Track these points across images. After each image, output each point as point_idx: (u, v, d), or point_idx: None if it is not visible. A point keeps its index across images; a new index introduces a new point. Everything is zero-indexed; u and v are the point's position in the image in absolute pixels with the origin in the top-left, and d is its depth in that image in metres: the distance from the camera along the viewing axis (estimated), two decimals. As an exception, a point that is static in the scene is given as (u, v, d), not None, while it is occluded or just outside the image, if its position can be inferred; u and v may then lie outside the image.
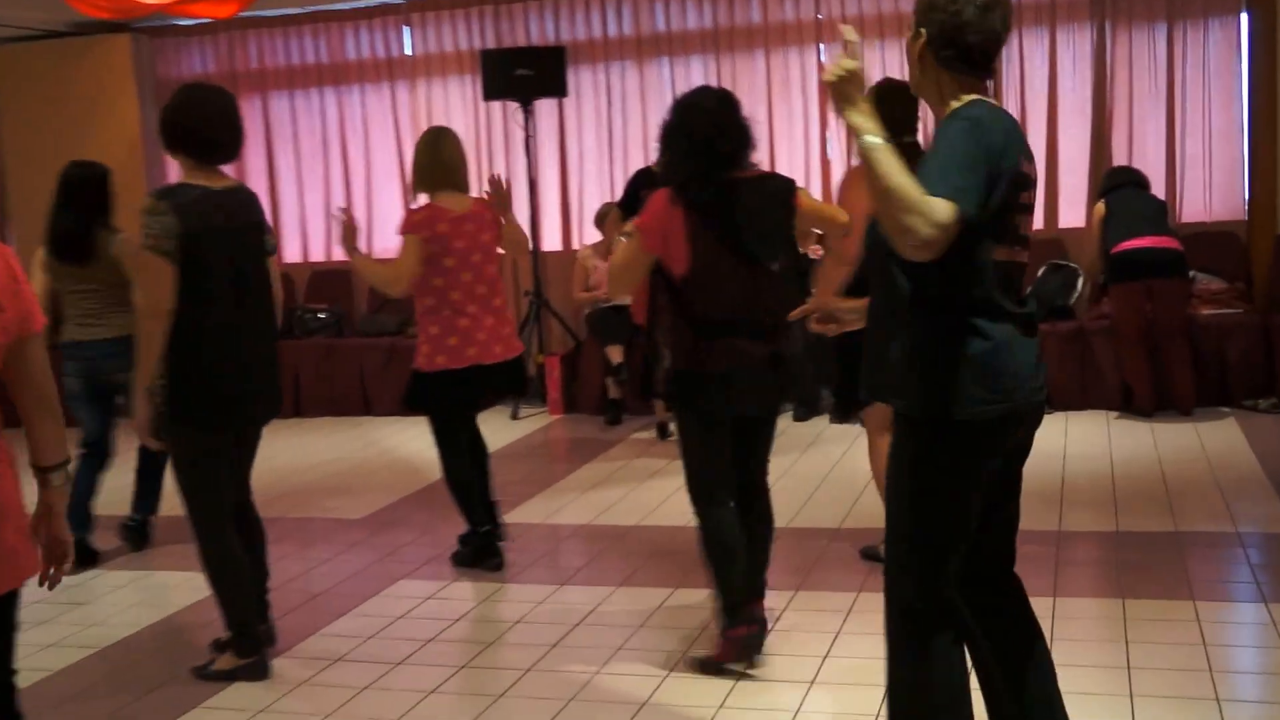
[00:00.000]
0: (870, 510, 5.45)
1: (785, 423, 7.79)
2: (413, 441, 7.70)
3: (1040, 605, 4.16)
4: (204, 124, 3.98)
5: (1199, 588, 4.58)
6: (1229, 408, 7.54)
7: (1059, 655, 3.08)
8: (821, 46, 8.77)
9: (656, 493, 6.37)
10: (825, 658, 4.08)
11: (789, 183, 4.05)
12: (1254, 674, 3.94)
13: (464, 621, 4.70)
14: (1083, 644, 4.06)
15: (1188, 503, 5.69)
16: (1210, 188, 8.15)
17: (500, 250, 5.21)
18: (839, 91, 2.56)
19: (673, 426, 5.29)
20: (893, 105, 4.12)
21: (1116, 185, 7.65)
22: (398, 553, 5.58)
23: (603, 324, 8.22)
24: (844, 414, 6.12)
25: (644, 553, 5.40)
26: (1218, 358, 7.62)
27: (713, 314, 3.86)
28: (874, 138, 2.51)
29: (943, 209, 2.44)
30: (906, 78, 2.88)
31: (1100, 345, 7.71)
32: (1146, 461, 6.48)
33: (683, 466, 4.01)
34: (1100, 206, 7.56)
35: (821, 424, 7.75)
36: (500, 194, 5.19)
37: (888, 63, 8.42)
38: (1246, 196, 8.17)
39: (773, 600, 4.30)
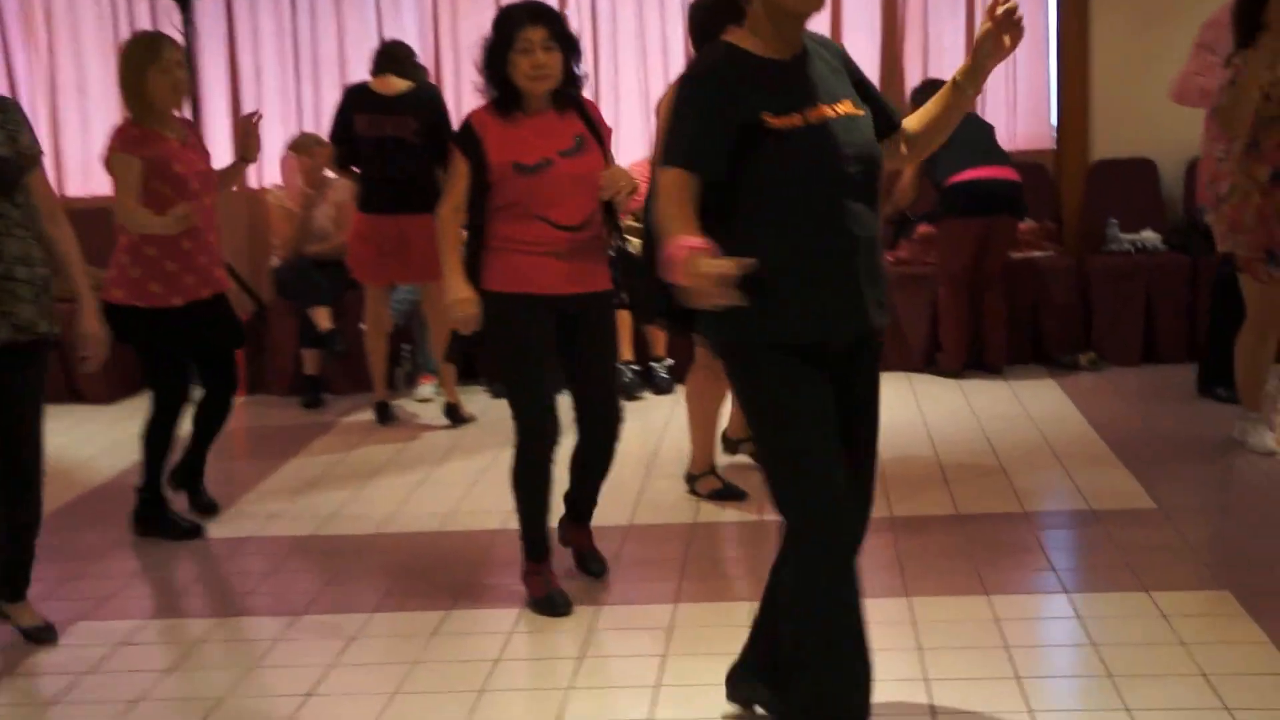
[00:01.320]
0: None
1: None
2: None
3: (893, 608, 4.21)
4: None
5: (1069, 576, 4.58)
6: (1042, 364, 7.66)
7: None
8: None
9: (391, 491, 5.92)
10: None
11: None
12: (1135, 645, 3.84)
13: (180, 674, 4.14)
14: (955, 652, 3.94)
15: (1027, 479, 5.68)
16: (1015, 112, 8.25)
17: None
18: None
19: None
20: None
21: (941, 99, 7.57)
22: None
23: (303, 282, 7.59)
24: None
25: (396, 566, 4.98)
26: (1029, 308, 7.71)
27: None
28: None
29: None
30: None
31: (899, 296, 7.63)
32: (969, 431, 6.48)
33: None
34: None
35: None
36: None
37: None
38: (1055, 123, 8.31)
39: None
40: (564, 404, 4.40)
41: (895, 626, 4.13)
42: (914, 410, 6.87)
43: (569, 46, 4.29)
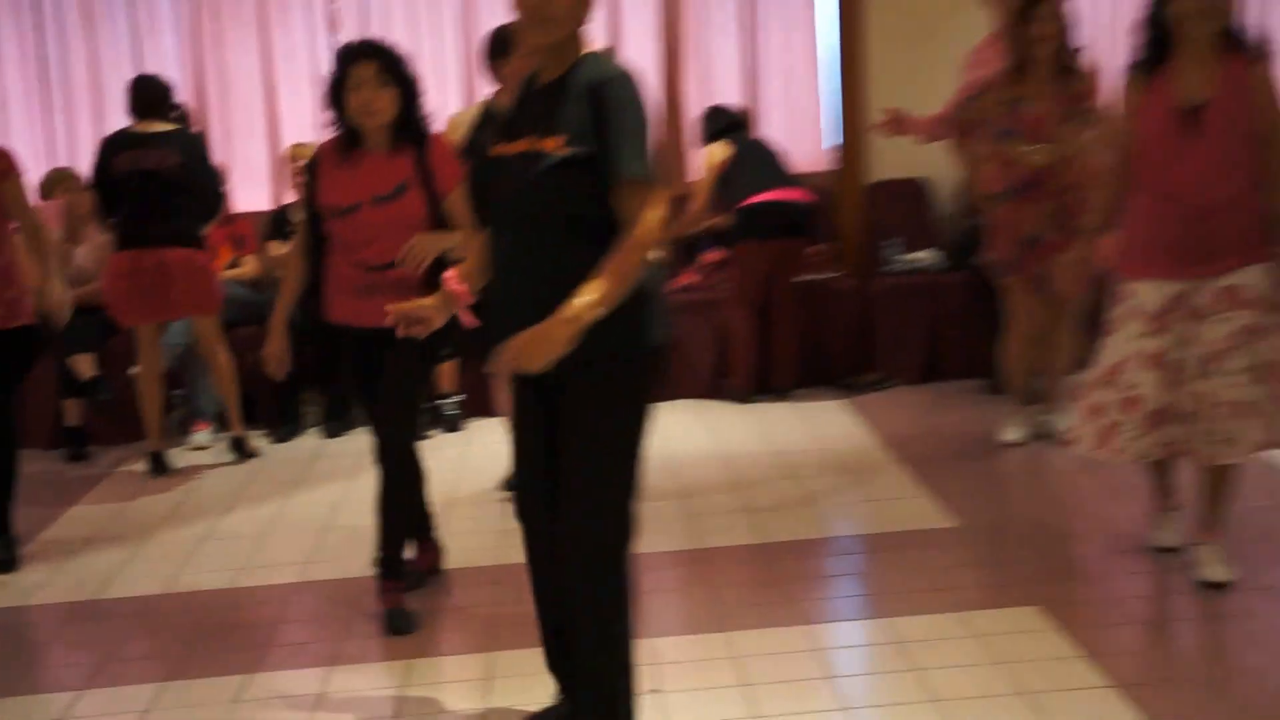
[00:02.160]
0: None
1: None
2: None
3: (713, 643, 4.26)
4: None
5: (883, 601, 4.61)
6: (828, 386, 7.75)
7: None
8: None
9: (174, 547, 5.64)
10: None
11: None
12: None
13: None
14: (781, 686, 3.94)
15: (830, 504, 5.75)
16: (793, 134, 8.37)
17: None
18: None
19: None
20: None
21: (728, 126, 7.67)
22: None
23: (65, 328, 7.23)
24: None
25: (187, 629, 4.73)
26: (814, 330, 7.82)
27: None
28: (597, 304, 3.02)
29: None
30: None
31: (687, 322, 7.68)
32: (766, 457, 6.50)
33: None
34: (722, 150, 7.53)
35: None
36: None
37: None
38: (832, 144, 8.44)
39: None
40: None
41: (717, 663, 4.12)
42: (707, 438, 6.87)
43: (405, 84, 4.34)
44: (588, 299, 3.02)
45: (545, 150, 3.12)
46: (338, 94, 4.34)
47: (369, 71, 4.29)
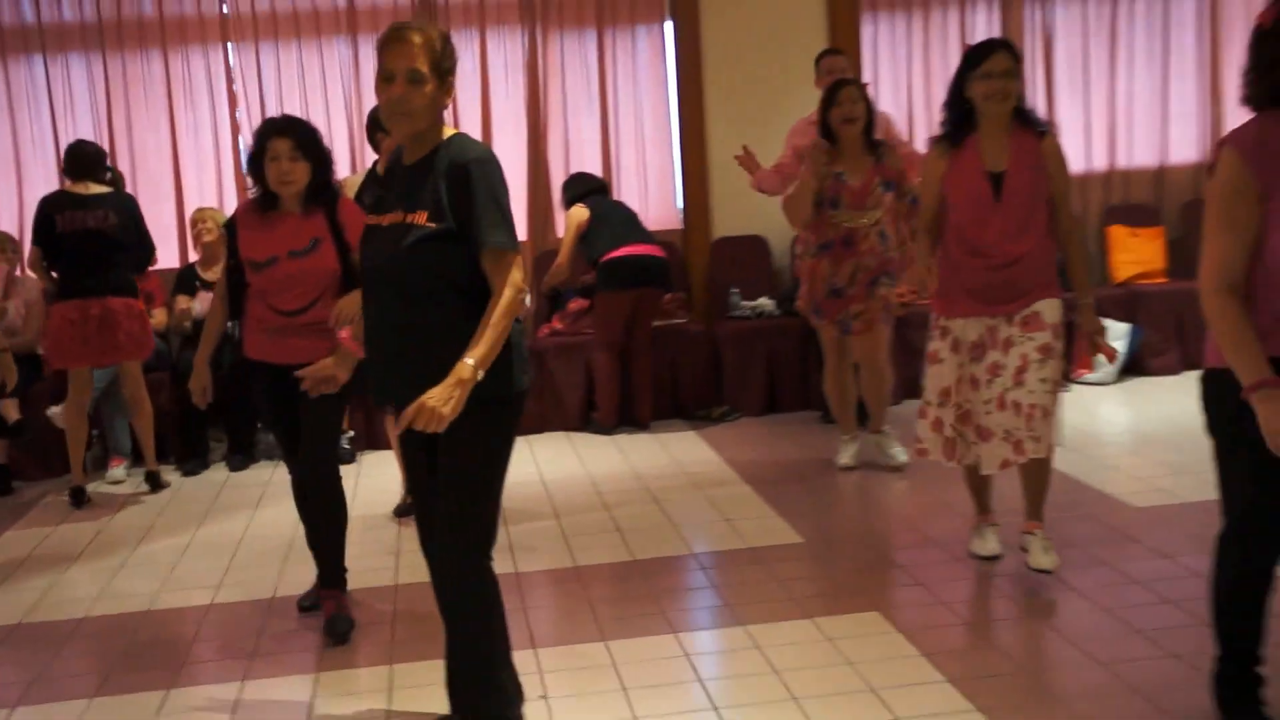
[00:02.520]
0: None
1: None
2: None
3: (594, 652, 4.23)
4: None
5: (742, 611, 4.58)
6: (682, 419, 7.78)
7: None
8: (230, 45, 8.08)
9: (98, 572, 5.49)
10: None
11: None
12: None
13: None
14: (656, 690, 3.92)
15: (690, 523, 5.74)
16: (647, 196, 8.38)
17: None
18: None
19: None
20: None
21: (589, 190, 7.69)
22: None
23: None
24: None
25: (112, 648, 4.59)
26: (669, 369, 7.85)
27: None
28: (480, 365, 3.12)
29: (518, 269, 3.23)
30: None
31: (556, 363, 7.68)
32: (631, 481, 6.49)
33: None
34: (583, 211, 7.54)
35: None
36: None
37: (305, 63, 7.96)
38: (681, 206, 8.49)
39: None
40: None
41: (597, 670, 4.10)
42: (578, 465, 6.86)
43: (317, 157, 4.40)
44: (472, 363, 3.10)
45: (414, 223, 3.18)
46: (257, 164, 4.38)
47: (285, 145, 4.34)
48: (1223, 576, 3.30)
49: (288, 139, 4.34)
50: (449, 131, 3.31)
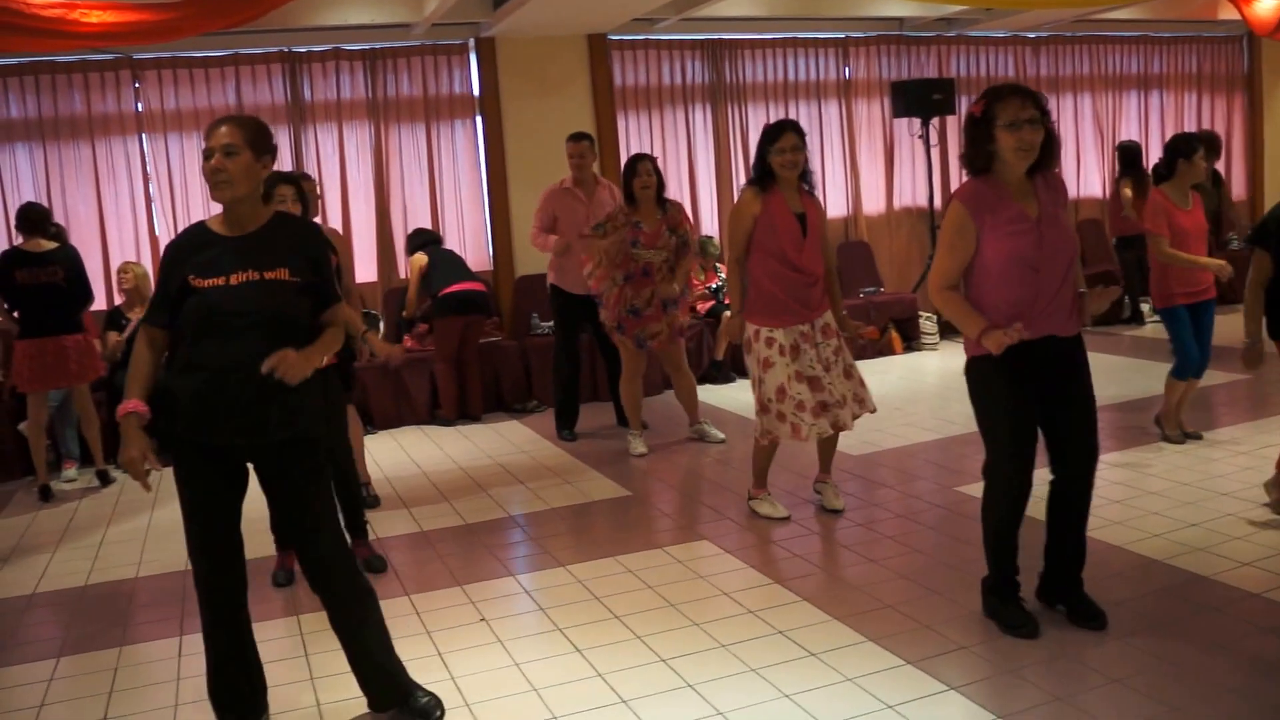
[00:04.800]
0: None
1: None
2: None
3: (452, 595, 3.99)
4: None
5: (604, 546, 4.45)
6: (505, 411, 7.77)
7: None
8: (144, 136, 7.59)
9: (75, 552, 5.05)
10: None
11: None
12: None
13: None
14: (515, 618, 3.82)
15: (536, 487, 5.62)
16: (466, 246, 8.32)
17: None
18: None
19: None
20: None
21: (426, 242, 7.60)
22: None
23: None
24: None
25: (85, 615, 4.24)
26: (493, 374, 7.84)
27: None
28: (314, 356, 2.92)
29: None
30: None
31: (408, 373, 7.56)
32: (476, 460, 6.36)
33: None
34: (422, 258, 7.43)
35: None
36: None
37: (188, 152, 7.55)
38: (491, 252, 8.47)
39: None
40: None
41: (461, 609, 3.94)
42: (430, 451, 6.70)
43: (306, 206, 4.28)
44: (310, 352, 2.93)
45: (278, 279, 2.89)
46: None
47: (289, 192, 4.25)
48: (991, 496, 3.38)
49: (291, 186, 4.23)
50: (273, 208, 3.05)
